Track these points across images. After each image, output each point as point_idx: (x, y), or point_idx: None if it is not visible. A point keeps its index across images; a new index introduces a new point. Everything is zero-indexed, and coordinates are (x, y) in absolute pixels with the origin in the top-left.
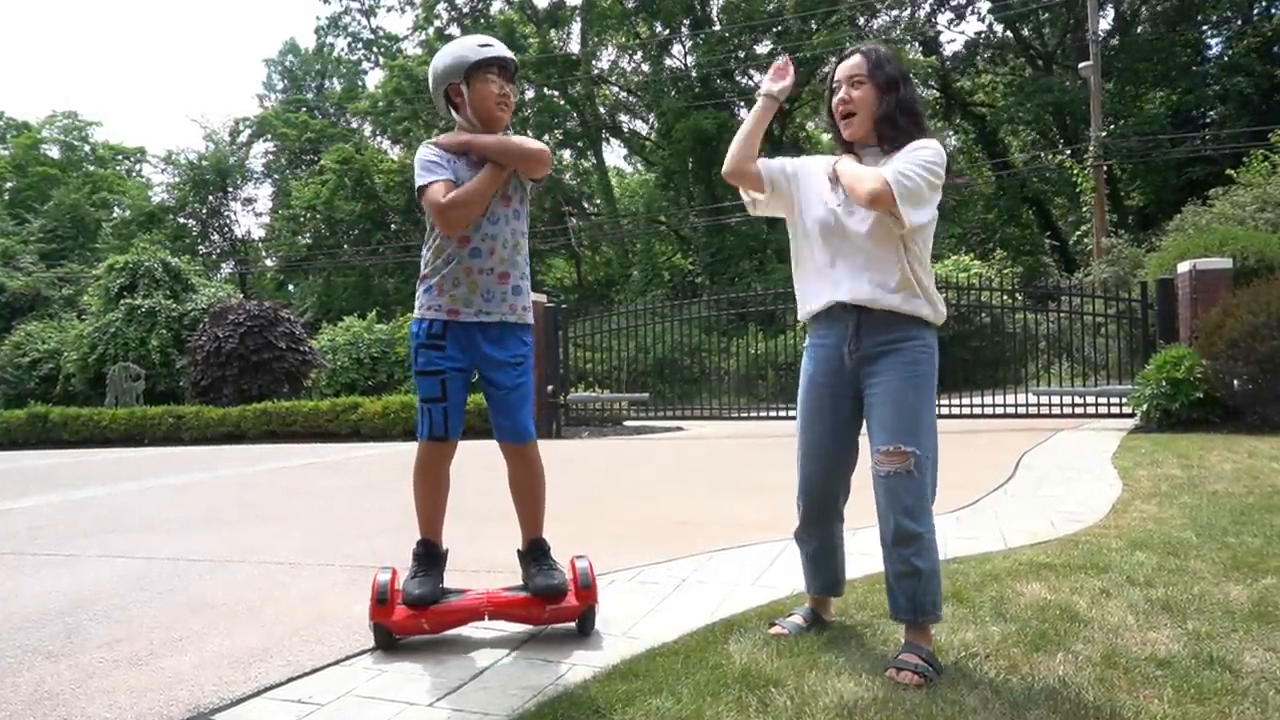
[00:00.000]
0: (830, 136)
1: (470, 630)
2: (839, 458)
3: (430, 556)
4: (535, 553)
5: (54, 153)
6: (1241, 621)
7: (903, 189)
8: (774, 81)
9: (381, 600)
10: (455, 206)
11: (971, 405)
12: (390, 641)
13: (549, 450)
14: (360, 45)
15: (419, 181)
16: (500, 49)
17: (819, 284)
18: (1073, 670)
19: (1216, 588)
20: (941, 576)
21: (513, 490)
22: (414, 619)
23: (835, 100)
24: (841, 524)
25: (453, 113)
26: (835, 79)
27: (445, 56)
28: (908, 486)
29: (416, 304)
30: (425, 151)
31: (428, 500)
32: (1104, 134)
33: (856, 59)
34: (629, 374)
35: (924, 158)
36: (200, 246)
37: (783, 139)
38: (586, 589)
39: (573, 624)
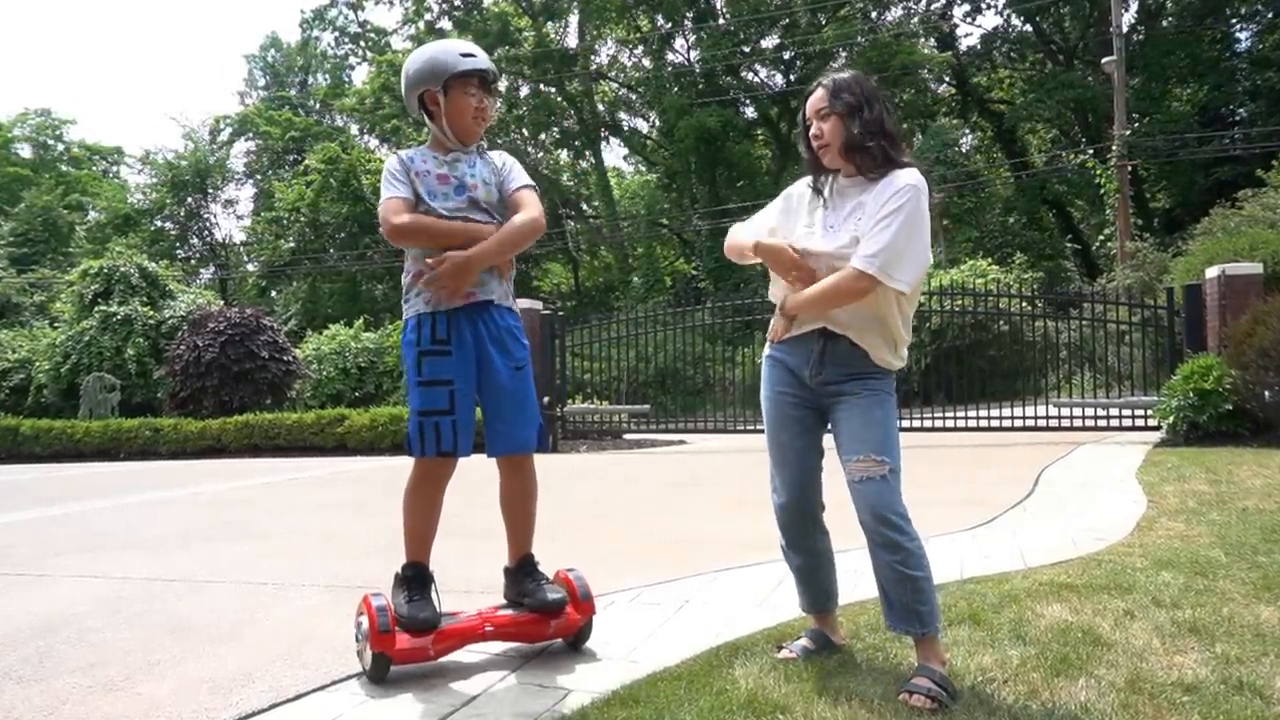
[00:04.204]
0: (805, 168)
1: (462, 652)
2: (810, 462)
3: (421, 579)
4: (526, 568)
5: (25, 152)
6: (1273, 644)
7: (881, 264)
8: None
9: (384, 628)
10: (409, 234)
11: (989, 417)
12: (387, 674)
13: (545, 464)
14: (347, 39)
15: (381, 197)
16: (482, 59)
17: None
18: (1095, 696)
19: (1246, 609)
20: (934, 584)
21: (505, 505)
22: (419, 646)
23: (811, 134)
24: (827, 537)
25: (425, 119)
26: (806, 115)
27: (423, 60)
28: (883, 492)
29: (416, 301)
30: (391, 162)
31: (421, 521)
32: (1128, 132)
33: (819, 92)
34: (629, 385)
35: (889, 211)
36: (179, 251)
37: (790, 137)
38: (586, 601)
39: (563, 639)
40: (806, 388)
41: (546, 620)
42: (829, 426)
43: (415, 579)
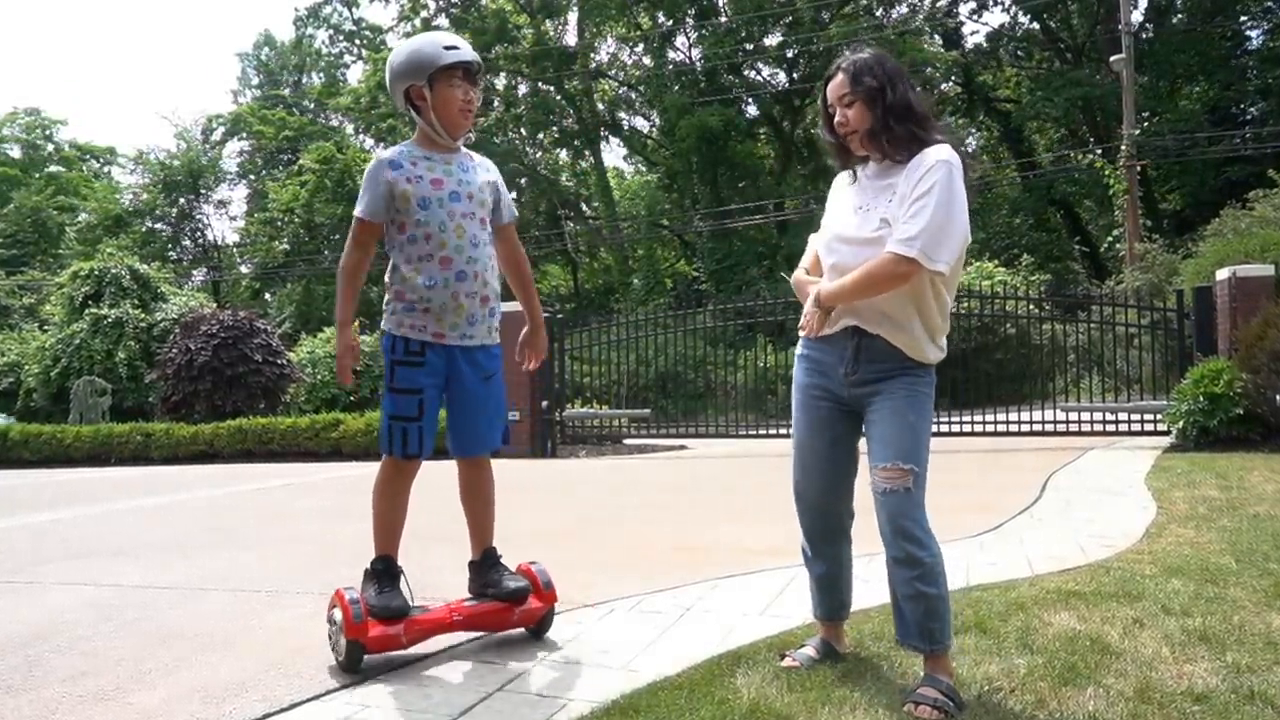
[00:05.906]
0: (830, 154)
1: (456, 662)
2: (840, 470)
3: (390, 572)
4: (489, 560)
5: (15, 152)
6: None
7: (922, 245)
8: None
9: (357, 618)
10: (340, 280)
11: (996, 422)
12: (361, 663)
13: (543, 469)
14: (341, 37)
15: (357, 206)
16: (466, 51)
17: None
18: (1104, 706)
19: (1258, 617)
20: (950, 602)
21: (465, 499)
22: (391, 634)
23: (835, 122)
24: (849, 545)
25: (413, 113)
26: (829, 101)
27: (406, 54)
28: (907, 506)
29: (391, 319)
30: (372, 166)
31: (389, 516)
32: (1137, 131)
33: (839, 78)
34: (629, 389)
35: (922, 191)
36: (170, 252)
37: (794, 136)
38: (548, 590)
39: (525, 628)
40: (839, 385)
41: (511, 609)
42: (864, 430)
43: (385, 572)
